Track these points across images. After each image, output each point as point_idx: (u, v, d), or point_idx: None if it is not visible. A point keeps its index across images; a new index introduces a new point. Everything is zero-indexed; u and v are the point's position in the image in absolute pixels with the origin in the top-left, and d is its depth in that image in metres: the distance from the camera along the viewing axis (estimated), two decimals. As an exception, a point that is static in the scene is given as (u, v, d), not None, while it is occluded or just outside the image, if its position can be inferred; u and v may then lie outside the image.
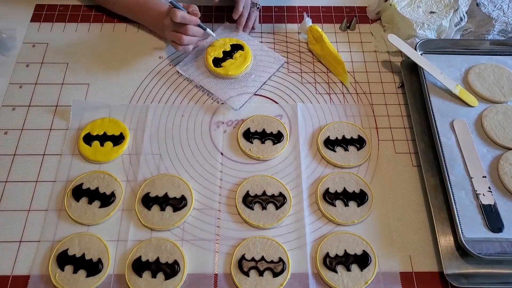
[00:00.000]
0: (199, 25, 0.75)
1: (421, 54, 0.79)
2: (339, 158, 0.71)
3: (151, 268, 0.60)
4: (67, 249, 0.61)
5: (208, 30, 0.78)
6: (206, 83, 0.79)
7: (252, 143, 0.72)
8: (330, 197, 0.66)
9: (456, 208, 0.62)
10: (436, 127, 0.70)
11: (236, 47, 0.81)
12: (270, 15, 0.90)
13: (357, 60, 0.84)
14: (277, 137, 0.72)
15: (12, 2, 0.89)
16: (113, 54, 0.82)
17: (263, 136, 0.72)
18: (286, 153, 0.72)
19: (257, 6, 0.84)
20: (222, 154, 0.72)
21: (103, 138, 0.71)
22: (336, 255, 0.62)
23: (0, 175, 0.68)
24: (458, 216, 0.61)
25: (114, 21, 0.87)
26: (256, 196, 0.66)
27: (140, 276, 0.59)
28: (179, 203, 0.65)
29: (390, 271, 0.62)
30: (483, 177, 0.66)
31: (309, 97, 0.79)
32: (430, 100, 0.73)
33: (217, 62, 0.79)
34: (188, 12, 0.73)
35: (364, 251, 0.62)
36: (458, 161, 0.68)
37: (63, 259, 0.61)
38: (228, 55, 0.80)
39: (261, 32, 0.87)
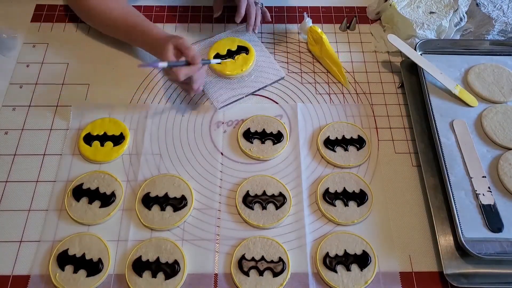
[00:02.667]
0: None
1: (421, 54, 0.79)
2: (339, 158, 0.71)
3: (151, 268, 0.60)
4: (67, 249, 0.61)
5: (211, 61, 0.76)
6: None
7: (252, 143, 0.72)
8: (330, 197, 0.67)
9: (455, 208, 0.62)
10: (436, 127, 0.70)
11: (242, 49, 0.81)
12: (270, 15, 0.89)
13: (357, 60, 0.84)
14: (277, 137, 0.72)
15: (12, 2, 0.89)
16: (113, 54, 0.83)
17: (263, 136, 0.73)
18: (286, 153, 0.72)
19: (260, 4, 0.84)
20: (222, 154, 0.72)
21: (103, 138, 0.71)
22: (336, 255, 0.62)
23: (0, 175, 0.69)
24: (458, 216, 0.62)
25: (114, 21, 0.87)
26: (256, 196, 0.66)
27: (140, 276, 0.60)
28: (179, 203, 0.65)
29: (390, 271, 0.62)
30: (483, 177, 0.67)
31: (309, 97, 0.79)
32: (430, 100, 0.73)
33: (218, 57, 0.79)
34: (188, 62, 0.66)
35: (364, 251, 0.62)
36: (457, 161, 0.68)
37: (63, 259, 0.61)
38: (230, 54, 0.80)
39: (261, 32, 0.87)
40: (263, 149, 0.71)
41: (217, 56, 0.80)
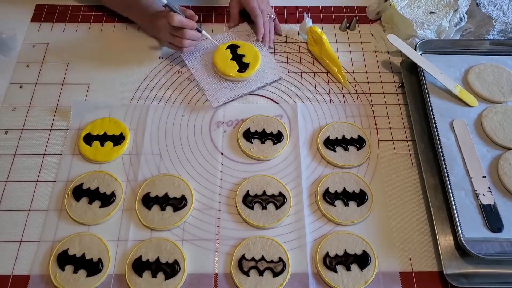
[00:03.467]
0: (196, 29, 0.76)
1: (421, 54, 0.79)
2: (339, 158, 0.71)
3: (151, 268, 0.60)
4: (67, 249, 0.61)
5: (204, 32, 0.78)
6: (202, 80, 0.79)
7: (252, 143, 0.72)
8: (330, 197, 0.67)
9: (456, 208, 0.62)
10: (436, 127, 0.70)
11: (232, 47, 0.81)
12: (270, 15, 0.90)
13: (357, 60, 0.84)
14: (277, 137, 0.72)
15: (12, 2, 0.89)
16: (113, 54, 0.83)
17: (263, 136, 0.73)
18: (286, 153, 0.72)
19: (272, 16, 0.85)
20: (222, 154, 0.72)
21: (103, 138, 0.71)
22: (336, 255, 0.62)
23: (0, 175, 0.69)
24: (458, 216, 0.62)
25: (115, 21, 0.87)
26: (256, 196, 0.66)
27: (140, 276, 0.60)
28: (179, 203, 0.65)
29: (390, 271, 0.62)
30: (483, 177, 0.66)
31: (309, 97, 0.79)
32: (430, 100, 0.73)
33: (240, 69, 0.79)
34: (185, 16, 0.73)
35: (364, 251, 0.62)
36: (458, 161, 0.68)
37: (63, 259, 0.61)
38: (236, 57, 0.80)
39: (261, 32, 0.87)
40: (263, 149, 0.71)
41: (231, 47, 0.81)
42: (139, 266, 0.60)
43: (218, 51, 0.80)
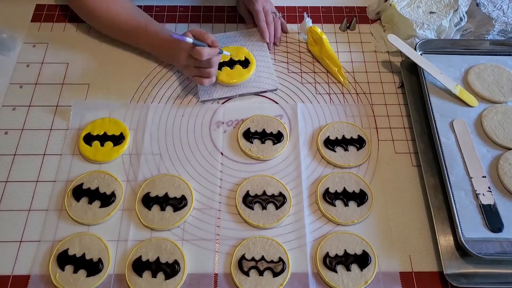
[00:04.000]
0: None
1: (421, 54, 0.79)
2: (339, 158, 0.71)
3: (151, 268, 0.60)
4: (67, 249, 0.61)
5: (224, 51, 0.75)
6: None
7: (252, 143, 0.72)
8: (330, 197, 0.67)
9: (456, 208, 0.62)
10: (436, 127, 0.70)
11: (245, 63, 0.80)
12: (270, 15, 0.90)
13: (357, 60, 0.84)
14: (277, 137, 0.72)
15: (12, 2, 0.89)
16: (113, 54, 0.82)
17: (263, 136, 0.73)
18: (286, 153, 0.72)
19: (277, 14, 0.86)
20: (222, 154, 0.72)
21: (103, 138, 0.71)
22: (336, 255, 0.62)
23: (0, 175, 0.69)
24: (458, 216, 0.62)
25: (114, 21, 0.87)
26: (256, 196, 0.66)
27: (140, 276, 0.60)
28: (179, 203, 0.65)
29: (390, 271, 0.62)
30: (483, 177, 0.67)
31: (309, 97, 0.79)
32: (430, 100, 0.73)
33: (221, 65, 0.78)
34: (208, 45, 0.69)
35: (364, 251, 0.62)
36: (457, 161, 0.68)
37: (63, 259, 0.61)
38: (232, 63, 0.79)
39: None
40: (263, 149, 0.71)
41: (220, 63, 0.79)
42: (139, 266, 0.60)
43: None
